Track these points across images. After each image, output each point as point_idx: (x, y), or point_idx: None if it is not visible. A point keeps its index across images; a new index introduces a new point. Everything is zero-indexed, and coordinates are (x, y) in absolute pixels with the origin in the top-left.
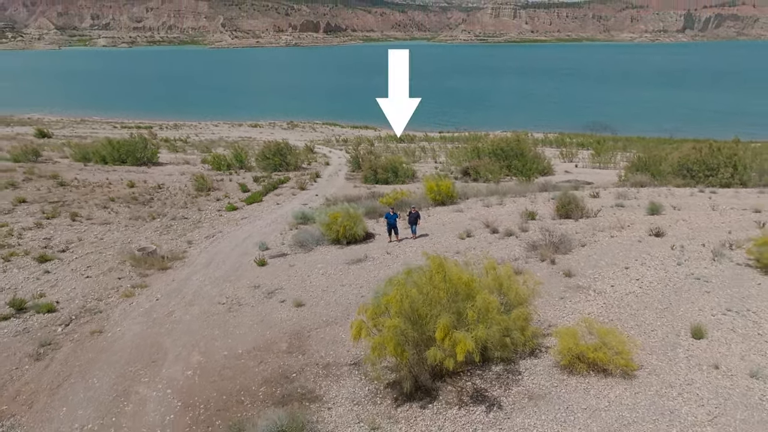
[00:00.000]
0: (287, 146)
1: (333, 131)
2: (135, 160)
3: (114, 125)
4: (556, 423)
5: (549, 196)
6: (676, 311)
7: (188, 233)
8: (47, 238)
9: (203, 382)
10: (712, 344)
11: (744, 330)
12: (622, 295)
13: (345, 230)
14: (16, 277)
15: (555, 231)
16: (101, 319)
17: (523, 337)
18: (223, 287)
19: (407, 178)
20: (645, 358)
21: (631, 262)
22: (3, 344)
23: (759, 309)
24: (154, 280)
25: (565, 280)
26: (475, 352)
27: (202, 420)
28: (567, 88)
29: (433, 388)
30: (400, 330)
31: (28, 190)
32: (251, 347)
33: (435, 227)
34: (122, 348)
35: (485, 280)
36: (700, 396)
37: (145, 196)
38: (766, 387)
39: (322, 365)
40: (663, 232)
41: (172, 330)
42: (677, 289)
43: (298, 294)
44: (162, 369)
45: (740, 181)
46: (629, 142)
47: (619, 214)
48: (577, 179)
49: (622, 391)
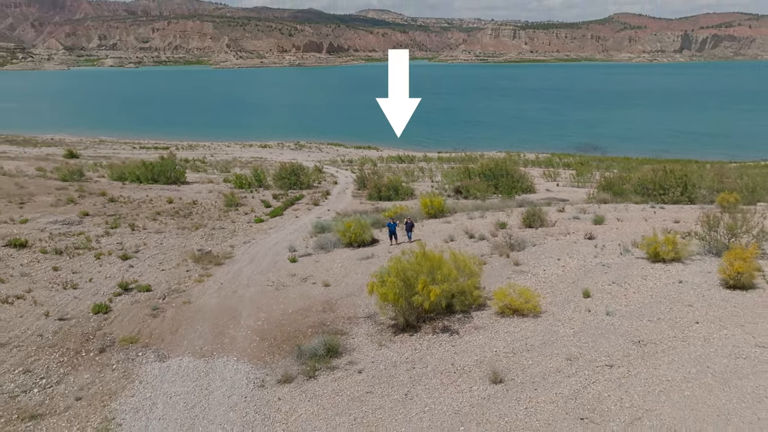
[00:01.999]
0: (300, 167)
1: (338, 152)
2: (166, 179)
3: (132, 146)
4: (488, 339)
5: (522, 210)
6: (580, 284)
7: (228, 240)
8: (119, 243)
9: (270, 327)
10: (593, 300)
11: (615, 292)
12: (548, 275)
13: (356, 236)
14: (111, 270)
15: (516, 236)
16: (186, 296)
17: (472, 296)
18: (267, 275)
19: (406, 196)
20: (549, 308)
21: (563, 255)
22: (127, 309)
23: (631, 282)
24: (215, 272)
25: (514, 267)
26: (442, 299)
27: (275, 345)
28: (562, 109)
29: (417, 326)
30: (397, 285)
31: (86, 206)
32: (297, 309)
33: (426, 234)
34: (209, 311)
35: (450, 261)
36: (573, 325)
37: (184, 210)
38: (612, 319)
39: (345, 317)
40: (595, 236)
41: (239, 301)
42: (587, 271)
43: (324, 279)
44: (240, 321)
45: (688, 198)
46: (614, 163)
47: (571, 224)
48: (555, 197)
49: (530, 324)
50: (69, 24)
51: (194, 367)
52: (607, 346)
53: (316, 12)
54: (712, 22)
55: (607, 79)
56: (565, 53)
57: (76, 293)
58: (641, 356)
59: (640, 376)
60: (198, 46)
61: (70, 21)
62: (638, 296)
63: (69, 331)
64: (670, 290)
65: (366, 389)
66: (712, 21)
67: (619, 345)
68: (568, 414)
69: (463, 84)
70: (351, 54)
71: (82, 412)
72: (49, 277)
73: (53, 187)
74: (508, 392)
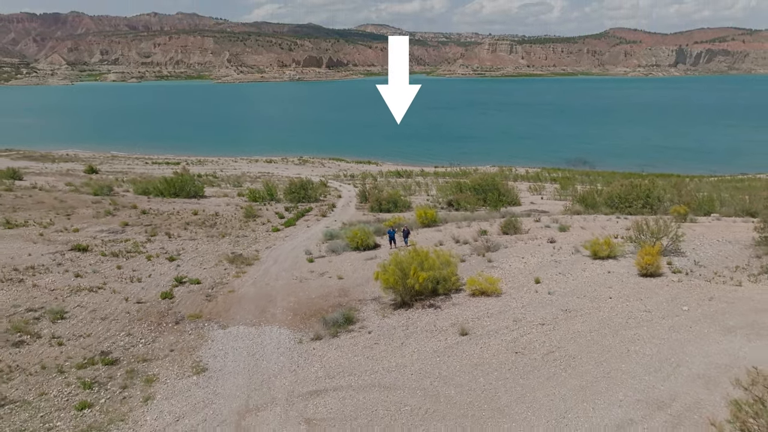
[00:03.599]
0: (309, 182)
1: (339, 166)
2: (186, 193)
3: (145, 161)
4: (461, 311)
5: (503, 221)
6: (534, 274)
7: (252, 245)
8: (162, 248)
9: (300, 306)
10: (541, 285)
11: (558, 280)
12: (512, 269)
13: (361, 241)
14: (162, 268)
15: (493, 241)
16: (229, 287)
17: (451, 282)
18: (291, 272)
19: (404, 208)
20: (507, 290)
21: (527, 255)
22: (186, 296)
23: (573, 273)
24: (247, 270)
25: (487, 263)
26: (429, 283)
27: (305, 318)
28: (554, 124)
29: (410, 303)
30: (396, 273)
31: (123, 217)
32: (319, 295)
33: (420, 240)
34: (250, 296)
35: (434, 255)
36: (523, 301)
37: (209, 221)
38: (552, 297)
39: (357, 299)
40: (556, 240)
41: (272, 290)
42: (542, 266)
43: (338, 273)
44: (276, 303)
45: (651, 211)
46: (599, 177)
47: (540, 231)
48: (536, 209)
49: (492, 301)
50: (71, 39)
51: (248, 332)
52: (543, 313)
53: (316, 27)
54: (706, 36)
55: (600, 94)
56: (562, 67)
57: (142, 285)
58: (564, 319)
59: (560, 330)
60: (199, 61)
61: (72, 36)
62: (575, 282)
63: (148, 310)
64: (599, 278)
65: (374, 342)
66: (707, 36)
67: (551, 312)
68: (508, 350)
69: (461, 98)
70: (350, 68)
71: (177, 357)
72: (116, 274)
73: (89, 201)
74: (470, 340)
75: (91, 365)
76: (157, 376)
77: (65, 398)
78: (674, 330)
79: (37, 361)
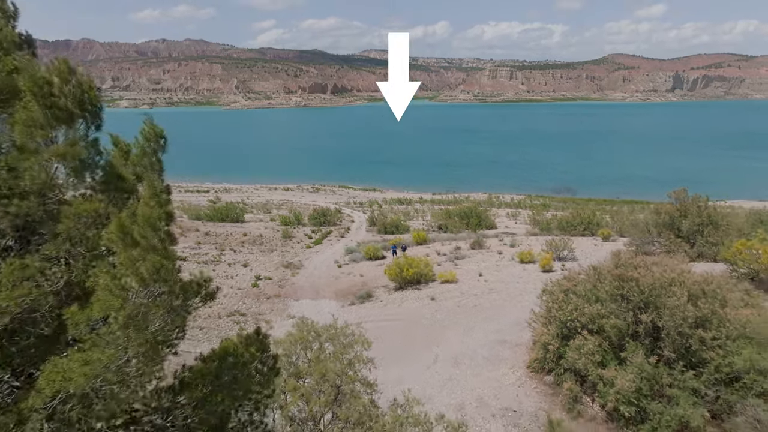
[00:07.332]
0: (328, 210)
1: (348, 194)
2: (231, 219)
3: (177, 189)
4: (433, 290)
5: (473, 240)
6: (480, 271)
7: (296, 257)
8: (233, 259)
9: (339, 290)
10: (482, 277)
11: (494, 274)
12: (468, 269)
13: (373, 254)
14: (242, 271)
15: (462, 253)
16: (291, 281)
17: (429, 276)
18: (328, 273)
19: (404, 231)
20: (462, 279)
21: (480, 261)
22: (266, 285)
23: (504, 270)
24: (299, 272)
25: (454, 266)
26: (415, 277)
27: (342, 296)
28: (545, 152)
29: (404, 287)
30: (395, 270)
31: (192, 237)
32: (349, 285)
33: (414, 253)
34: (307, 286)
35: (418, 260)
36: (470, 285)
37: (258, 240)
38: (487, 283)
39: (373, 286)
40: (503, 252)
41: (319, 282)
42: (487, 267)
43: (359, 273)
44: (323, 289)
45: (590, 233)
46: (573, 203)
47: (497, 247)
48: (507, 231)
49: (452, 285)
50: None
51: (311, 303)
52: (477, 290)
53: (320, 53)
54: (702, 62)
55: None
56: (561, 93)
57: (235, 280)
58: (488, 292)
59: (484, 298)
60: (208, 87)
61: (83, 62)
62: (503, 275)
63: (247, 292)
64: (517, 273)
65: (384, 305)
66: (703, 62)
67: (482, 290)
68: (454, 305)
69: (461, 124)
70: (354, 94)
71: (276, 313)
72: (214, 274)
73: None
74: (436, 302)
75: (233, 315)
76: (270, 320)
77: (224, 330)
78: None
79: (204, 313)
